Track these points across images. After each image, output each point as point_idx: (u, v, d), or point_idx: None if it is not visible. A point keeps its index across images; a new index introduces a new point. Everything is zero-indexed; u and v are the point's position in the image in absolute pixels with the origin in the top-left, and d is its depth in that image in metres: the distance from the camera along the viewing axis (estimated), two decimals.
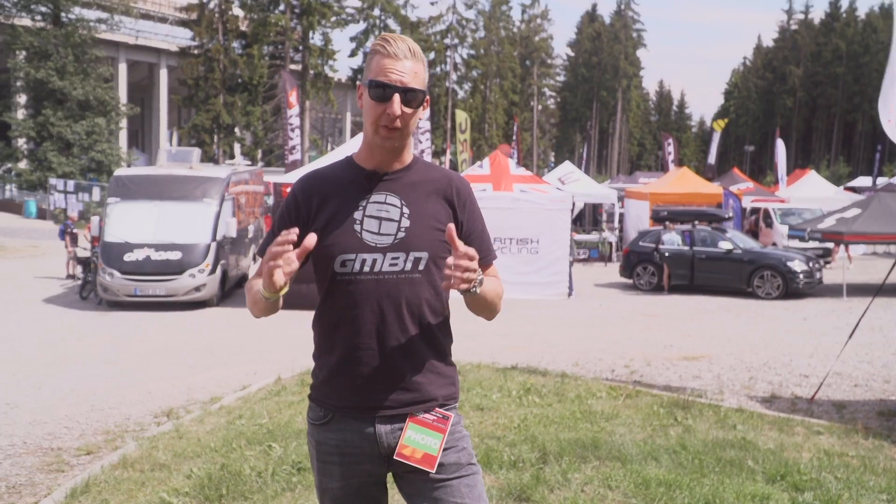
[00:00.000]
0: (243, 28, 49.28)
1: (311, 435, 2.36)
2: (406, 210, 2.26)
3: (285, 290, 2.11)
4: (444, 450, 2.23)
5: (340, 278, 2.23)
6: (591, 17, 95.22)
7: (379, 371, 2.22)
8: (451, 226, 2.10)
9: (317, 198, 2.29)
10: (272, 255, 2.03)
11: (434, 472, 2.20)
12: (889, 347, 10.50)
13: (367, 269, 2.22)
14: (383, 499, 2.41)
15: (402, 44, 2.19)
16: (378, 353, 2.22)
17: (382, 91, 2.16)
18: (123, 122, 45.14)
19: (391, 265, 2.22)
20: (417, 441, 2.21)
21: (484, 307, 2.30)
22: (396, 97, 2.16)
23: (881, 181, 37.99)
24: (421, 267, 2.24)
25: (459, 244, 2.07)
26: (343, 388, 2.26)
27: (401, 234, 2.23)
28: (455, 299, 2.26)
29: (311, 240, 2.08)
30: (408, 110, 2.18)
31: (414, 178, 2.31)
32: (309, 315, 2.30)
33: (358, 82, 2.17)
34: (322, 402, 2.31)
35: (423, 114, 2.29)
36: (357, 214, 2.25)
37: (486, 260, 2.37)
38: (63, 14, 40.21)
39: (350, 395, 2.25)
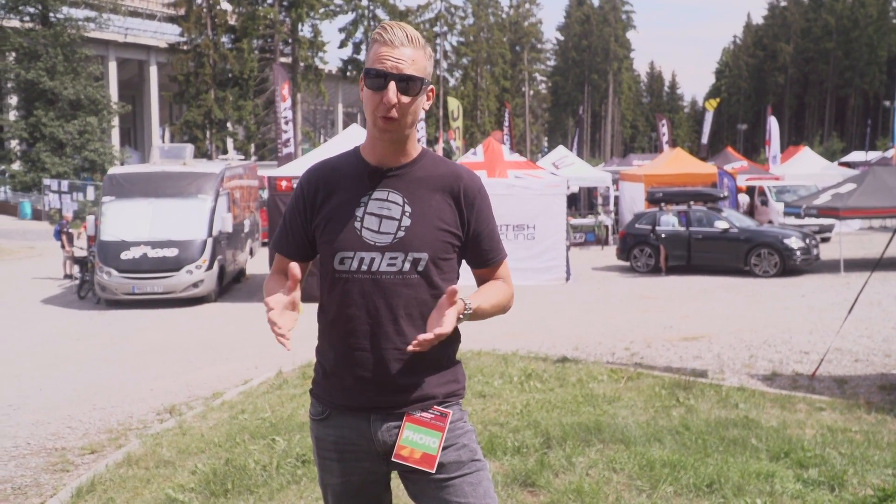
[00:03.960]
0: (232, 22, 48.99)
1: (312, 430, 2.33)
2: (408, 208, 2.18)
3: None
4: (444, 448, 2.16)
5: (338, 276, 2.18)
6: (580, 0, 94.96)
7: (373, 374, 2.16)
8: (449, 294, 2.05)
9: (322, 191, 2.24)
10: (270, 323, 2.02)
11: (434, 472, 2.14)
12: (889, 321, 10.52)
13: (364, 267, 2.16)
14: (385, 496, 2.36)
15: (399, 31, 2.10)
16: (372, 356, 2.16)
17: (377, 79, 2.08)
18: (115, 121, 45.02)
19: (389, 265, 2.15)
20: (415, 441, 2.15)
21: (486, 318, 2.27)
22: (392, 85, 2.07)
23: (874, 155, 38.00)
24: (420, 268, 2.16)
25: (437, 330, 2.01)
26: (337, 388, 2.23)
27: (400, 234, 2.16)
28: (462, 287, 2.23)
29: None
30: (405, 98, 2.09)
31: (419, 173, 2.22)
32: (307, 307, 2.27)
33: (361, 73, 2.10)
34: (320, 397, 2.28)
35: (427, 104, 2.21)
36: (358, 211, 2.18)
37: (493, 261, 2.33)
38: (51, 14, 39.96)
39: (343, 395, 2.21)
